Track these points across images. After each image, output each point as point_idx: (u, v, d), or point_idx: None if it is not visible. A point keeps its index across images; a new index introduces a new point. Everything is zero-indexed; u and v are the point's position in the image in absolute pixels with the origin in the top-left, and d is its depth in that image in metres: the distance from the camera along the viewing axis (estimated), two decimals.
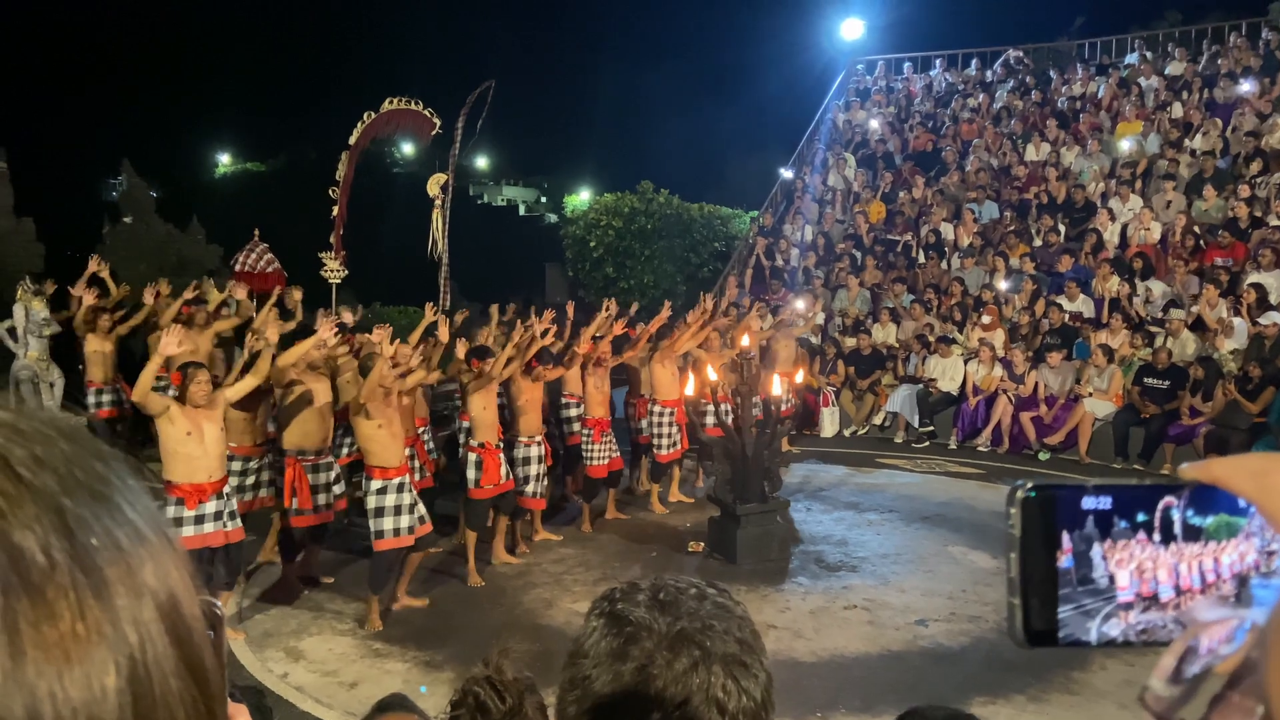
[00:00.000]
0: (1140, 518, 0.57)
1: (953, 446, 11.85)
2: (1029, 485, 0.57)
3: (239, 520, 6.16)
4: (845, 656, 5.99)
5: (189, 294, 9.93)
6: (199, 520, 5.85)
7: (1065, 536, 0.56)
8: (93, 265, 10.14)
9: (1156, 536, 0.57)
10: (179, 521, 5.76)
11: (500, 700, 1.67)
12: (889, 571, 7.47)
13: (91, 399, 9.86)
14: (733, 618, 0.99)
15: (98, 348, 9.92)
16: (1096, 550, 0.57)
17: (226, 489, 6.09)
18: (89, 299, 9.64)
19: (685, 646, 0.94)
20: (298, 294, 10.16)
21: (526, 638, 6.02)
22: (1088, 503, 0.57)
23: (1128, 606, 0.57)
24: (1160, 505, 0.57)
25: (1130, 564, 0.57)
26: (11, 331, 10.69)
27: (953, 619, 6.52)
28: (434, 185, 13.95)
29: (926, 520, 8.81)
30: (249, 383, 6.32)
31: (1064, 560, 0.56)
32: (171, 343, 5.76)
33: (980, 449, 11.65)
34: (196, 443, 5.83)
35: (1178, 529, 0.57)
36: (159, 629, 0.44)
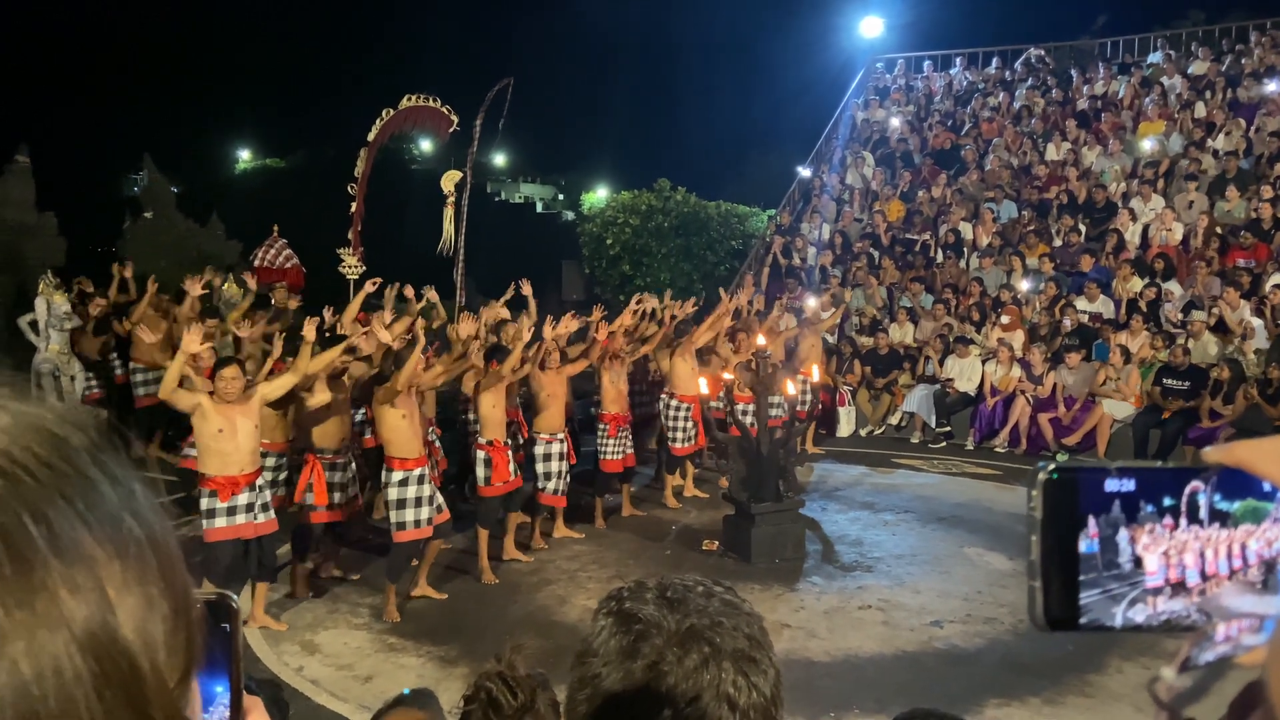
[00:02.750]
0: (1167, 502, 0.56)
1: (970, 447, 11.79)
2: (1051, 467, 0.57)
3: (271, 512, 6.25)
4: (859, 657, 5.98)
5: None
6: (231, 512, 5.99)
7: (1091, 521, 0.56)
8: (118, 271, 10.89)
9: (1183, 521, 0.56)
10: (212, 513, 5.93)
11: (513, 696, 1.68)
12: (904, 572, 7.44)
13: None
14: (741, 614, 0.99)
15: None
16: (1123, 534, 0.56)
17: (260, 481, 6.19)
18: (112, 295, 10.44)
19: (695, 643, 0.94)
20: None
21: (540, 634, 6.03)
22: (1111, 485, 0.56)
23: (1155, 592, 0.56)
24: (1187, 490, 0.57)
25: (1157, 549, 0.56)
26: (33, 325, 10.81)
27: (968, 620, 6.49)
28: (448, 182, 13.88)
29: (943, 521, 8.77)
30: (288, 380, 6.40)
31: (1089, 544, 0.56)
32: (194, 340, 5.90)
33: (998, 450, 11.58)
34: (229, 438, 5.96)
35: (1204, 513, 0.57)
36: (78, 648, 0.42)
